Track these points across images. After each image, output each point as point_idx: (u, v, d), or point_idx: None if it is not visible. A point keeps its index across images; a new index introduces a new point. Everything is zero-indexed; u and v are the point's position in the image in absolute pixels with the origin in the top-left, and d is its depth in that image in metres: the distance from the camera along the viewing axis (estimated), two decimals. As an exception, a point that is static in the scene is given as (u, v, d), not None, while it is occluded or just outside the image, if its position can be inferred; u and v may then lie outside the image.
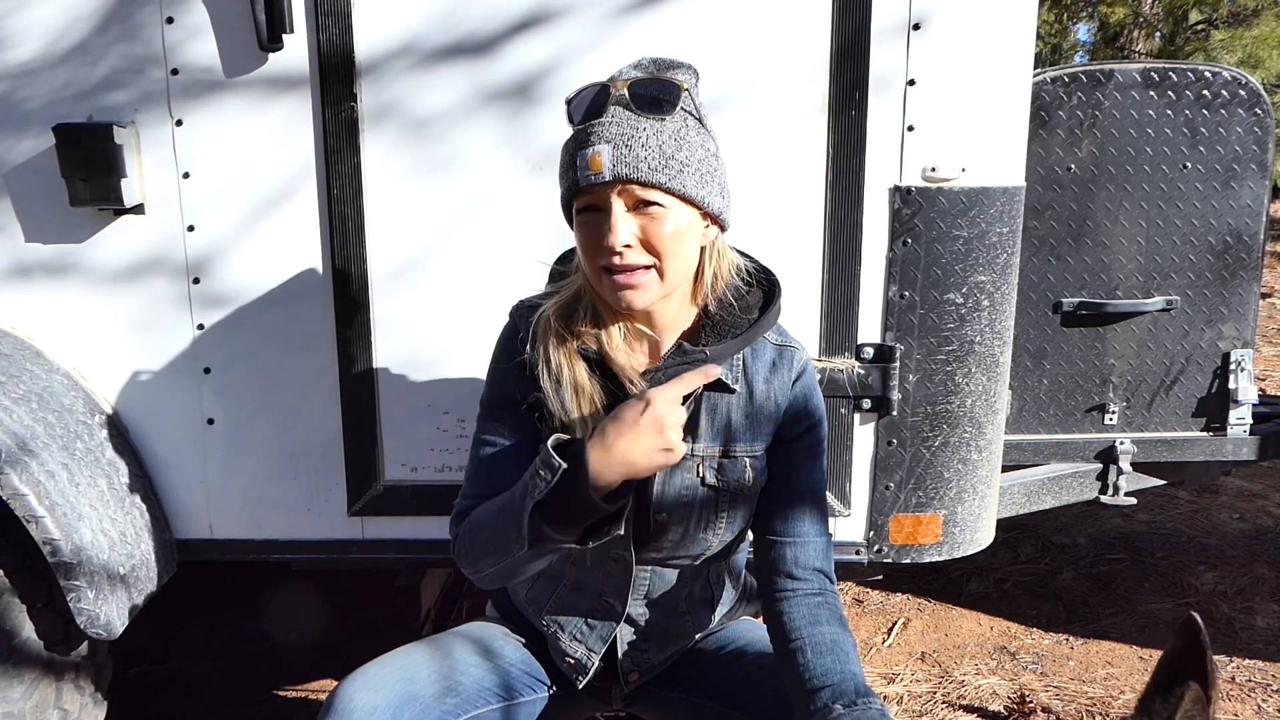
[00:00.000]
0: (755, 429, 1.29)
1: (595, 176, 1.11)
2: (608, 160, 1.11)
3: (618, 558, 1.32)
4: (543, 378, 1.24)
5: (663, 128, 1.13)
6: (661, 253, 1.14)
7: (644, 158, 1.11)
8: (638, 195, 1.12)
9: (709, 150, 1.18)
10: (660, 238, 1.13)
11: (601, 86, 1.16)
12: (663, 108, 1.14)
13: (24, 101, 1.65)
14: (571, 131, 1.17)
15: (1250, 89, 2.20)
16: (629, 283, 1.15)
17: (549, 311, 1.26)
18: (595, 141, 1.12)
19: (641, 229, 1.13)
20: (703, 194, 1.16)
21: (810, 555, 1.28)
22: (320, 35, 1.61)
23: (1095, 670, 2.50)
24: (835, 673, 1.16)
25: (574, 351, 1.24)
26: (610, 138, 1.11)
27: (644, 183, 1.11)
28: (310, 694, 2.43)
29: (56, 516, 1.57)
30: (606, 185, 1.12)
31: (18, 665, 1.63)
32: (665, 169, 1.12)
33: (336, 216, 1.67)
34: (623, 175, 1.11)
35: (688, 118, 1.16)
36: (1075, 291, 2.26)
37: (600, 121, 1.13)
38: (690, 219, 1.16)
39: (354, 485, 1.77)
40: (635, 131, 1.12)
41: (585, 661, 1.37)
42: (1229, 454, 2.37)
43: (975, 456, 1.78)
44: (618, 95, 1.14)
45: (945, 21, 1.60)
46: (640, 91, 1.14)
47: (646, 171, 1.11)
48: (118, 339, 1.74)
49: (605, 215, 1.13)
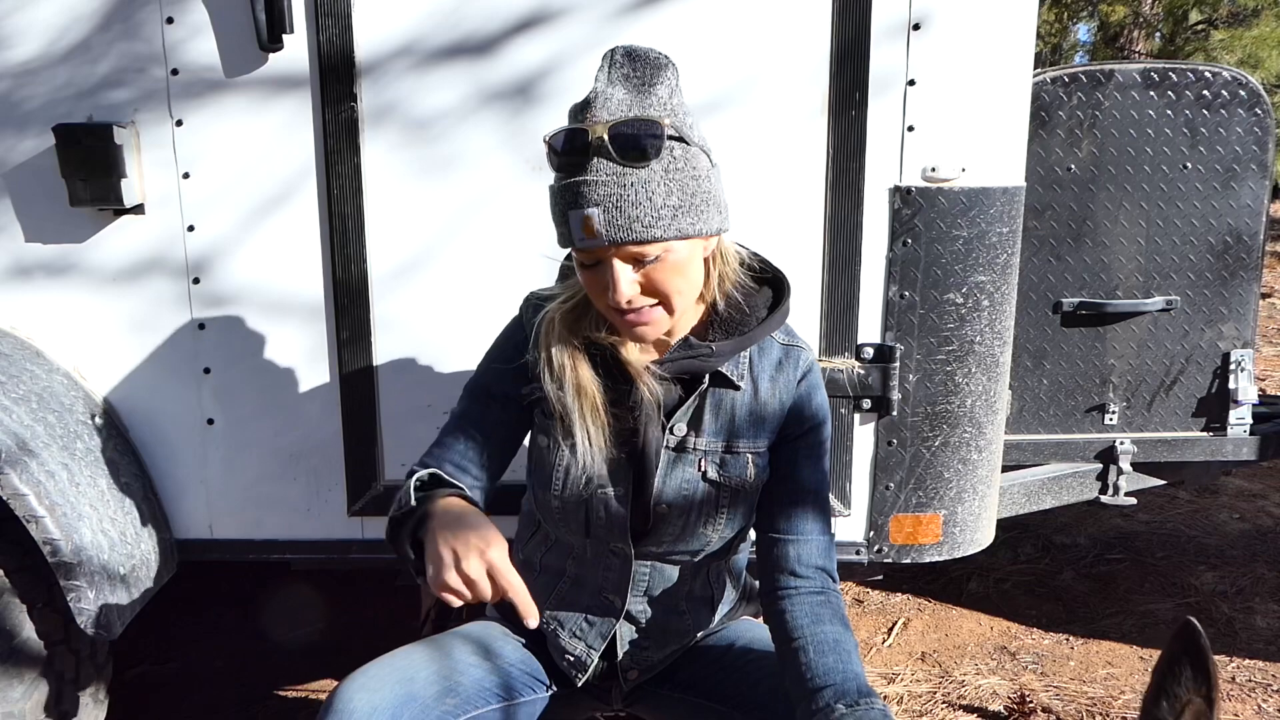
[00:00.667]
0: (759, 426, 1.30)
1: (592, 241, 1.10)
2: (600, 225, 1.08)
3: (617, 551, 1.32)
4: (544, 378, 1.25)
5: (650, 175, 1.09)
6: (668, 294, 1.15)
7: (636, 217, 1.08)
8: (634, 253, 1.11)
9: (699, 173, 1.13)
10: (664, 282, 1.14)
11: (579, 131, 1.10)
12: (647, 154, 1.09)
13: (24, 101, 1.65)
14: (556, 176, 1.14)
15: (1250, 89, 2.20)
16: (639, 320, 1.16)
17: (554, 313, 1.26)
18: (584, 204, 1.09)
19: (644, 276, 1.13)
20: (700, 226, 1.13)
21: (813, 553, 1.29)
22: (320, 35, 1.61)
23: (1095, 670, 2.50)
24: (837, 672, 1.16)
25: (579, 353, 1.24)
26: (599, 200, 1.08)
27: (640, 241, 1.10)
28: (310, 694, 2.43)
29: (56, 516, 1.57)
30: (602, 248, 1.11)
31: (18, 665, 1.63)
32: (659, 222, 1.09)
33: (336, 216, 1.67)
34: (617, 239, 1.09)
35: (673, 146, 1.11)
36: (1075, 291, 2.26)
37: (585, 180, 1.09)
38: (691, 248, 1.16)
39: (354, 485, 1.77)
40: (623, 190, 1.08)
41: (585, 659, 1.37)
42: (1229, 454, 2.37)
43: (975, 456, 1.78)
44: (597, 143, 1.08)
45: (945, 21, 1.60)
46: (621, 136, 1.08)
47: (640, 230, 1.09)
48: (118, 339, 1.74)
49: (606, 268, 1.12)
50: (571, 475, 1.27)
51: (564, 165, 1.12)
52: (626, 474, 1.28)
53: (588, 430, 1.24)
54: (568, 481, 1.28)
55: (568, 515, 1.31)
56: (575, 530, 1.32)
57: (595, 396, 1.24)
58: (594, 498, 1.28)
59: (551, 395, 1.25)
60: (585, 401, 1.24)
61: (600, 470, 1.26)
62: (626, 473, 1.28)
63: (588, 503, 1.29)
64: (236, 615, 2.82)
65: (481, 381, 1.35)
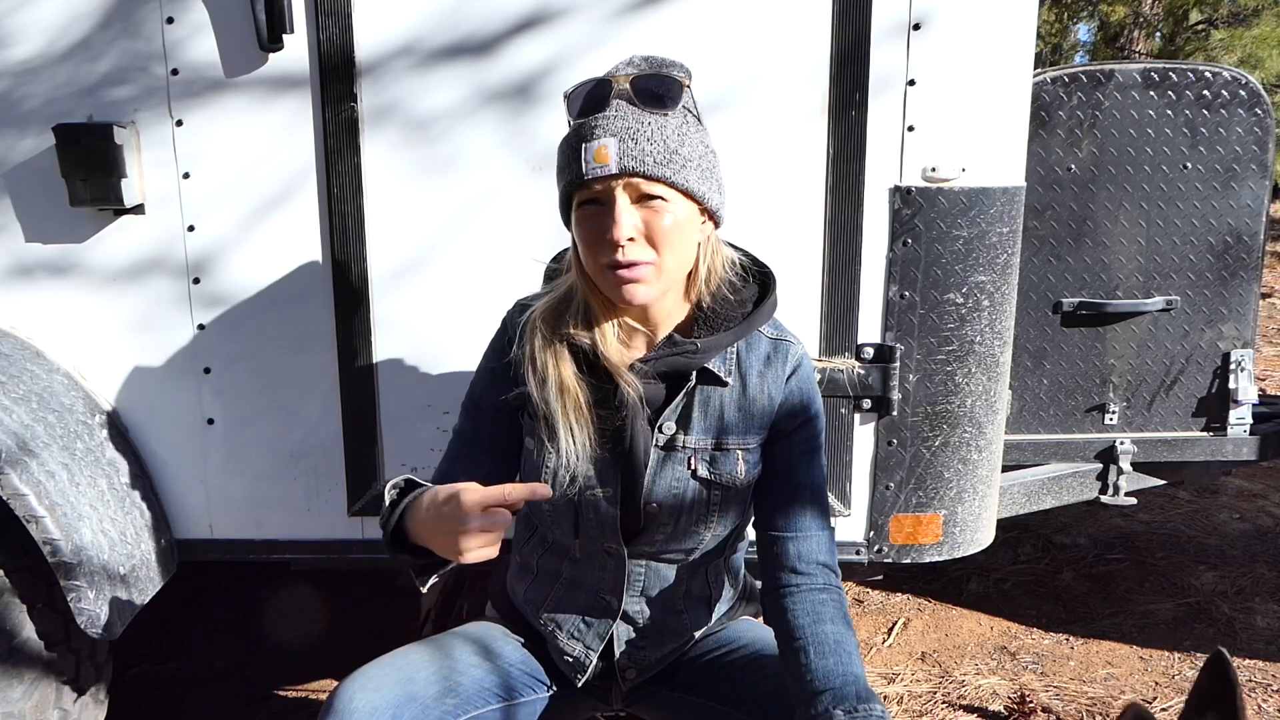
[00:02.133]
0: (748, 422, 1.29)
1: (601, 169, 1.11)
2: (614, 153, 1.11)
3: (611, 551, 1.32)
4: (528, 377, 1.25)
5: (666, 123, 1.14)
6: (662, 246, 1.15)
7: (649, 151, 1.12)
8: (642, 189, 1.13)
9: (708, 147, 1.19)
10: (662, 231, 1.14)
11: (602, 80, 1.16)
12: (665, 103, 1.14)
13: (24, 101, 1.66)
14: (571, 126, 1.17)
15: (1250, 89, 2.20)
16: (632, 277, 1.15)
17: (536, 312, 1.26)
18: (600, 134, 1.12)
19: (644, 222, 1.14)
20: (703, 189, 1.17)
21: (813, 549, 1.28)
22: (320, 35, 1.61)
23: (1095, 670, 2.50)
24: (837, 675, 1.16)
25: (561, 351, 1.24)
26: (616, 130, 1.12)
27: (649, 176, 1.12)
28: (310, 694, 2.43)
29: (56, 516, 1.57)
30: (612, 178, 1.12)
31: (18, 665, 1.63)
32: (670, 163, 1.13)
33: (336, 216, 1.67)
34: (629, 168, 1.11)
35: (688, 114, 1.18)
36: (1075, 291, 2.26)
37: (604, 115, 1.13)
38: (690, 213, 1.17)
39: (354, 485, 1.77)
40: (640, 125, 1.12)
41: (583, 659, 1.37)
42: (1229, 454, 2.37)
43: (975, 456, 1.78)
44: (620, 89, 1.14)
45: (945, 22, 1.60)
46: (644, 86, 1.14)
47: (652, 165, 1.12)
48: (118, 339, 1.74)
49: (608, 209, 1.13)
50: (559, 477, 1.27)
51: (583, 110, 1.15)
52: (615, 474, 1.28)
53: (571, 429, 1.23)
54: (555, 483, 1.28)
55: (558, 517, 1.31)
56: (566, 532, 1.32)
57: (578, 395, 1.23)
58: (583, 499, 1.28)
59: (535, 395, 1.24)
60: (568, 399, 1.23)
61: (587, 471, 1.25)
62: (615, 473, 1.28)
63: (577, 504, 1.28)
64: (236, 615, 2.82)
65: (473, 395, 1.36)
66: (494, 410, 1.33)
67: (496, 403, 1.32)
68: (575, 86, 1.18)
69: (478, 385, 1.36)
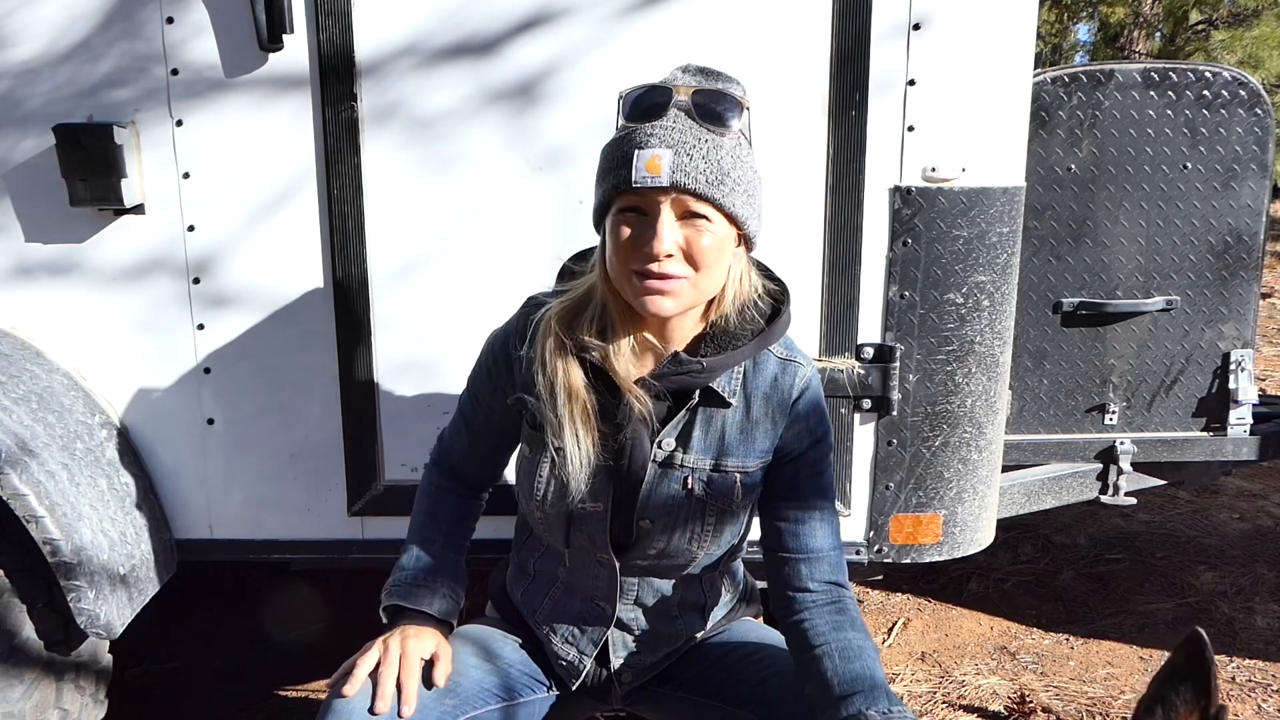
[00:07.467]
0: (749, 444, 1.27)
1: (652, 179, 1.09)
2: (667, 166, 1.08)
3: (604, 561, 1.32)
4: (537, 378, 1.23)
5: (722, 142, 1.11)
6: (700, 265, 1.13)
7: (703, 169, 1.09)
8: (689, 206, 1.11)
9: (755, 171, 1.17)
10: (701, 250, 1.12)
11: (663, 87, 1.13)
12: (725, 122, 1.12)
13: (24, 101, 1.65)
14: (620, 128, 1.14)
15: (1250, 89, 2.20)
16: (661, 289, 1.12)
17: (552, 311, 1.24)
18: (655, 144, 1.09)
19: (686, 239, 1.12)
20: (746, 214, 1.15)
21: (824, 570, 1.28)
22: (320, 35, 1.61)
23: (1095, 670, 2.50)
24: (865, 679, 1.16)
25: (572, 355, 1.22)
26: (672, 143, 1.09)
27: (699, 195, 1.10)
28: (310, 694, 2.43)
29: (56, 516, 1.57)
30: (661, 191, 1.09)
31: (18, 665, 1.63)
32: (721, 184, 1.11)
33: (337, 217, 1.67)
34: (680, 184, 1.09)
35: (742, 137, 1.15)
36: (1075, 291, 2.26)
37: (660, 124, 1.10)
38: (728, 235, 1.15)
39: (354, 485, 1.77)
40: (697, 141, 1.10)
41: (578, 664, 1.37)
42: (1229, 454, 2.37)
43: (975, 456, 1.78)
44: (680, 100, 1.12)
45: (945, 22, 1.60)
46: (704, 102, 1.12)
47: (704, 184, 1.10)
48: (118, 339, 1.74)
49: (651, 220, 1.11)
50: (555, 485, 1.26)
51: (638, 115, 1.13)
52: (608, 487, 1.26)
53: (577, 434, 1.21)
54: (549, 492, 1.27)
55: (551, 525, 1.30)
56: (558, 540, 1.32)
57: (585, 401, 1.22)
58: (575, 510, 1.26)
59: (543, 394, 1.23)
60: (575, 405, 1.21)
61: (584, 481, 1.23)
62: (609, 486, 1.26)
63: (569, 515, 1.27)
64: (236, 615, 2.82)
65: (475, 378, 1.37)
66: (489, 404, 1.34)
67: (493, 401, 1.33)
68: (633, 88, 1.15)
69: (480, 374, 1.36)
